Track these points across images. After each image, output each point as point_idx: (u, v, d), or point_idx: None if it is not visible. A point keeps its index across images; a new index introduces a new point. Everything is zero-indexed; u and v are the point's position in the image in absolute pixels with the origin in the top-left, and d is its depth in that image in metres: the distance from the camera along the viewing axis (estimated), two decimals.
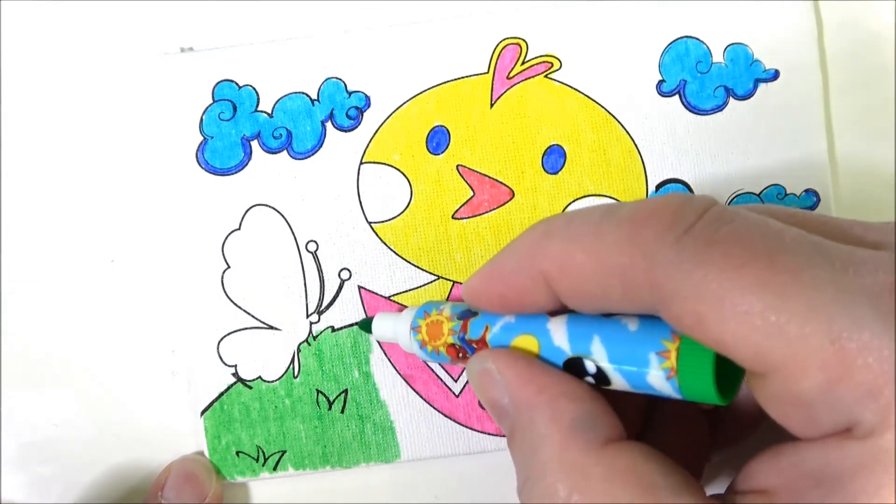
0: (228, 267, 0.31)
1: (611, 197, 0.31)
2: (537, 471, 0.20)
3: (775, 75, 0.31)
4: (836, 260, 0.18)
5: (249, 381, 0.31)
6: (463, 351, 0.24)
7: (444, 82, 0.31)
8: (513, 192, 0.31)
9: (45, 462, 0.32)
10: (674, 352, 0.20)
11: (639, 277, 0.19)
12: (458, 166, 0.31)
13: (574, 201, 0.31)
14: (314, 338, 0.31)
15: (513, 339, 0.23)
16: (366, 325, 0.28)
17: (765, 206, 0.22)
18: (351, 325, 0.31)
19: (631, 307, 0.20)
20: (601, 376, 0.21)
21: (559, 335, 0.22)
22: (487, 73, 0.31)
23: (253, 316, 0.31)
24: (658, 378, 0.20)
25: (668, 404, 0.25)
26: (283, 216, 0.31)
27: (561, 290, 0.21)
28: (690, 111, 0.31)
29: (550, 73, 0.31)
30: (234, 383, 0.31)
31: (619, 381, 0.21)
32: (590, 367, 0.21)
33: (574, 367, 0.21)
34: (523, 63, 0.31)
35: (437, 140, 0.31)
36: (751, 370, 0.18)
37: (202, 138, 0.31)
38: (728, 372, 0.20)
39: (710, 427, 0.26)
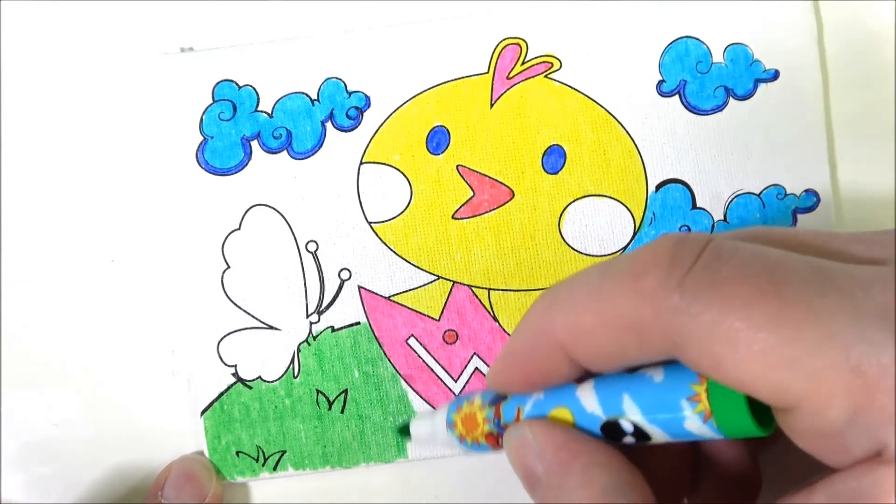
0: (228, 267, 0.31)
1: (611, 197, 0.31)
2: None
3: (775, 75, 0.31)
4: (844, 284, 0.18)
5: (249, 381, 0.31)
6: (501, 437, 0.24)
7: (444, 82, 0.31)
8: (513, 192, 0.31)
9: (45, 462, 0.32)
10: (703, 394, 0.19)
11: (649, 328, 0.19)
12: (458, 166, 0.31)
13: (574, 201, 0.31)
14: (314, 338, 0.31)
15: (546, 413, 0.22)
16: (404, 430, 0.27)
17: (760, 231, 0.22)
18: (350, 325, 0.31)
19: (651, 357, 0.20)
20: (640, 433, 0.21)
21: (590, 401, 0.21)
22: (487, 73, 0.31)
23: (253, 316, 0.31)
24: (695, 423, 0.20)
25: (715, 461, 0.25)
26: (283, 216, 0.31)
27: (579, 357, 0.21)
28: (690, 111, 0.31)
29: (550, 73, 0.31)
30: (234, 383, 0.31)
31: (658, 434, 0.21)
32: (626, 426, 0.21)
33: (612, 429, 0.21)
34: (523, 63, 0.31)
35: (437, 140, 0.31)
36: (774, 406, 0.18)
37: (202, 138, 0.31)
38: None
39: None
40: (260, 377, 0.31)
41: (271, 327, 0.31)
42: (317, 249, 0.31)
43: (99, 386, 0.31)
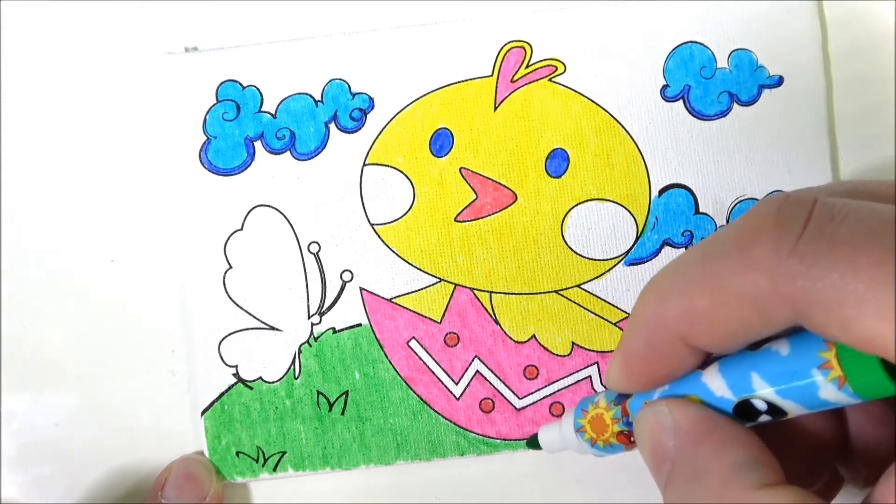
0: (230, 267, 0.31)
1: (613, 201, 0.31)
2: None
3: (779, 81, 0.31)
4: None
5: (250, 381, 0.31)
6: (633, 435, 0.23)
7: (448, 85, 0.31)
8: (515, 195, 0.31)
9: (45, 462, 0.32)
10: (834, 360, 0.19)
11: (768, 299, 0.18)
12: (461, 169, 0.31)
13: (577, 205, 0.31)
14: (315, 339, 0.31)
15: None
16: (533, 443, 0.27)
17: (849, 185, 0.21)
18: (351, 326, 0.31)
19: (773, 329, 0.19)
20: (774, 410, 0.21)
21: (717, 385, 0.21)
22: (491, 76, 0.31)
23: (254, 316, 0.31)
24: (830, 391, 0.19)
25: (862, 426, 0.25)
26: (285, 217, 0.31)
27: (700, 342, 0.20)
28: (694, 116, 0.31)
29: (554, 76, 0.31)
30: (235, 384, 0.31)
31: (793, 408, 0.20)
32: (759, 405, 0.21)
33: (744, 410, 0.21)
34: (527, 66, 0.31)
35: (441, 142, 0.31)
36: None
37: (205, 138, 0.31)
38: None
39: None
40: (261, 378, 0.31)
41: (273, 328, 0.31)
42: (319, 251, 0.31)
43: (99, 386, 0.31)
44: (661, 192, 0.31)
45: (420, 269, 0.31)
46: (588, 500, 0.31)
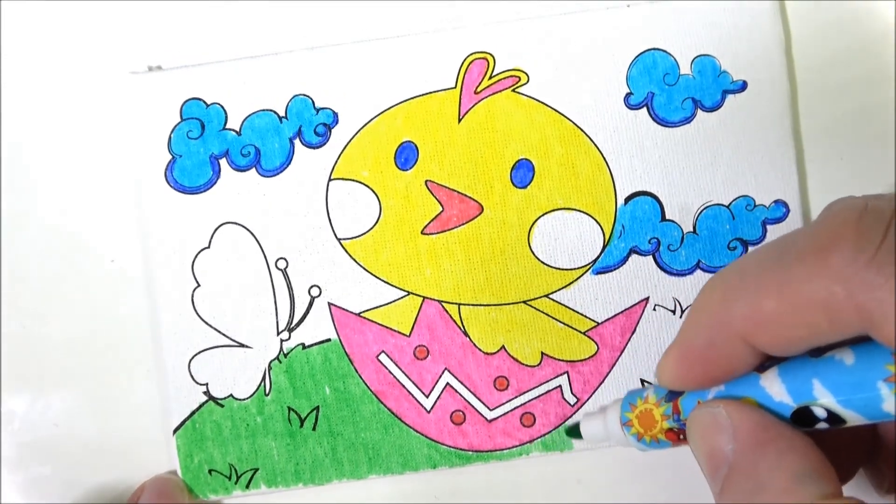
0: (199, 285, 0.31)
1: (579, 210, 0.31)
2: None
3: (743, 86, 0.31)
4: None
5: (221, 399, 0.31)
6: (682, 432, 0.23)
7: (412, 98, 0.31)
8: (482, 206, 0.31)
9: (45, 462, 0.32)
10: None
11: (841, 307, 0.18)
12: (426, 182, 0.31)
13: (543, 215, 0.31)
14: (285, 355, 0.31)
15: None
16: (574, 431, 0.27)
17: None
18: (321, 342, 0.31)
19: (840, 336, 0.19)
20: (834, 418, 0.21)
21: (777, 390, 0.21)
22: (455, 87, 0.31)
23: (223, 334, 0.31)
24: (893, 403, 0.19)
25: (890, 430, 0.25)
26: (252, 234, 0.31)
27: (763, 344, 0.20)
28: (658, 123, 0.31)
29: (518, 87, 0.31)
30: (206, 401, 0.31)
31: (854, 418, 0.20)
32: (819, 413, 0.21)
33: (803, 416, 0.21)
34: (491, 77, 0.31)
35: (406, 156, 0.31)
36: None
37: (171, 157, 0.31)
38: None
39: None
40: (231, 395, 0.31)
41: (242, 345, 0.31)
42: (286, 267, 0.31)
43: (99, 386, 0.31)
44: (627, 199, 0.31)
45: (388, 283, 0.31)
46: (589, 500, 0.31)
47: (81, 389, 0.31)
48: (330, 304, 0.31)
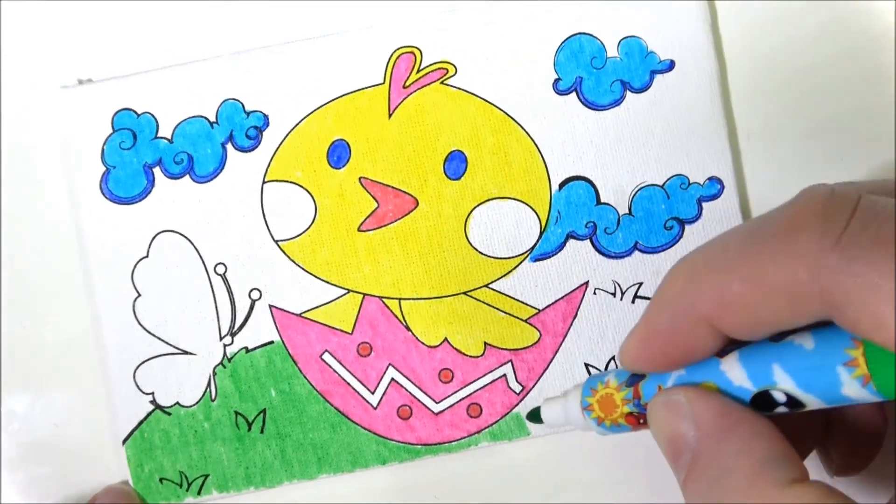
0: (139, 295, 0.31)
1: (514, 199, 0.31)
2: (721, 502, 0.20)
3: (671, 66, 0.31)
4: None
5: (167, 407, 0.31)
6: (642, 416, 0.23)
7: (341, 96, 0.31)
8: (417, 200, 0.31)
9: (45, 462, 0.32)
10: (861, 358, 0.19)
11: (805, 290, 0.18)
12: (360, 179, 0.31)
13: (478, 205, 0.31)
14: (229, 360, 0.31)
15: None
16: (535, 415, 0.27)
17: (888, 184, 0.21)
18: (264, 344, 0.31)
19: (801, 321, 0.19)
20: (793, 402, 0.21)
21: (737, 374, 0.21)
22: (383, 83, 0.31)
23: (166, 342, 0.31)
24: (853, 388, 0.19)
25: (845, 411, 0.25)
26: (189, 241, 0.31)
27: (726, 327, 0.20)
28: (588, 107, 0.31)
29: (446, 79, 0.31)
30: (153, 410, 0.31)
31: (813, 402, 0.20)
32: (779, 397, 0.21)
33: (763, 400, 0.21)
34: (419, 71, 0.31)
35: (338, 154, 0.31)
36: None
37: (105, 168, 0.31)
38: None
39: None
40: (178, 403, 0.31)
41: (186, 352, 0.31)
42: (225, 271, 0.31)
43: (99, 386, 0.31)
44: (562, 185, 0.31)
45: (327, 282, 0.31)
46: (589, 499, 0.31)
47: (81, 389, 0.31)
48: (271, 306, 0.31)
